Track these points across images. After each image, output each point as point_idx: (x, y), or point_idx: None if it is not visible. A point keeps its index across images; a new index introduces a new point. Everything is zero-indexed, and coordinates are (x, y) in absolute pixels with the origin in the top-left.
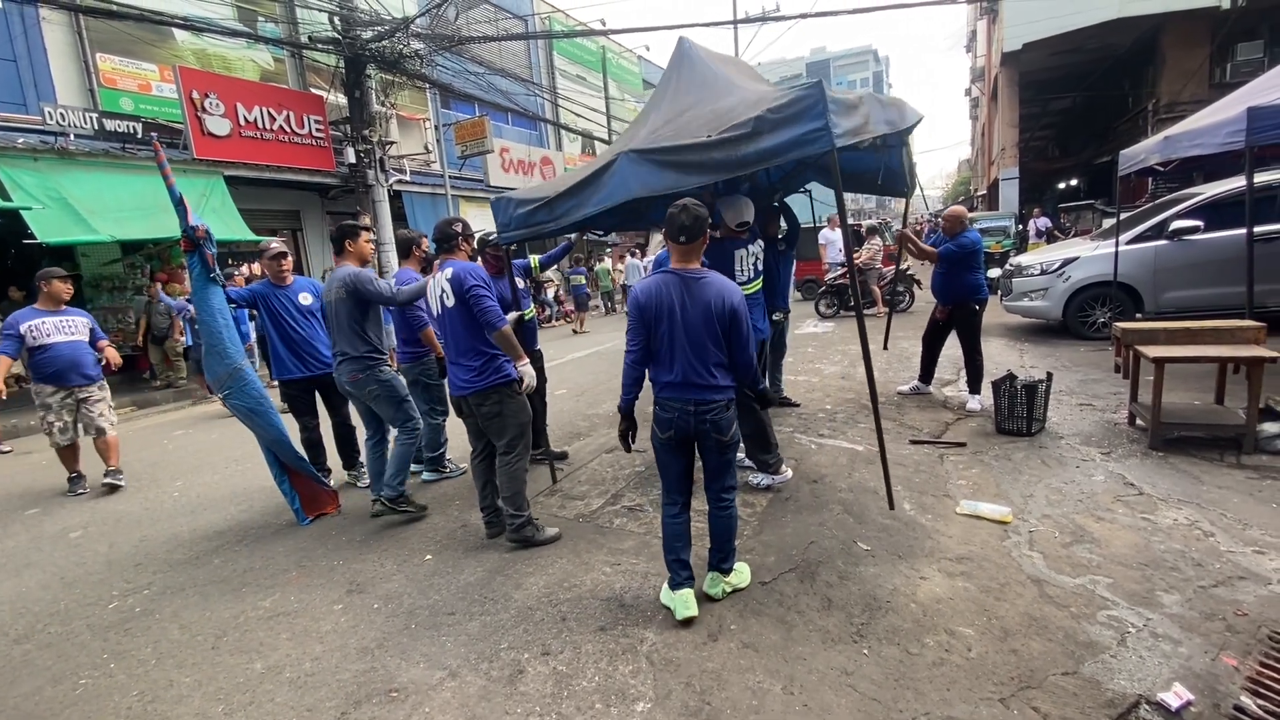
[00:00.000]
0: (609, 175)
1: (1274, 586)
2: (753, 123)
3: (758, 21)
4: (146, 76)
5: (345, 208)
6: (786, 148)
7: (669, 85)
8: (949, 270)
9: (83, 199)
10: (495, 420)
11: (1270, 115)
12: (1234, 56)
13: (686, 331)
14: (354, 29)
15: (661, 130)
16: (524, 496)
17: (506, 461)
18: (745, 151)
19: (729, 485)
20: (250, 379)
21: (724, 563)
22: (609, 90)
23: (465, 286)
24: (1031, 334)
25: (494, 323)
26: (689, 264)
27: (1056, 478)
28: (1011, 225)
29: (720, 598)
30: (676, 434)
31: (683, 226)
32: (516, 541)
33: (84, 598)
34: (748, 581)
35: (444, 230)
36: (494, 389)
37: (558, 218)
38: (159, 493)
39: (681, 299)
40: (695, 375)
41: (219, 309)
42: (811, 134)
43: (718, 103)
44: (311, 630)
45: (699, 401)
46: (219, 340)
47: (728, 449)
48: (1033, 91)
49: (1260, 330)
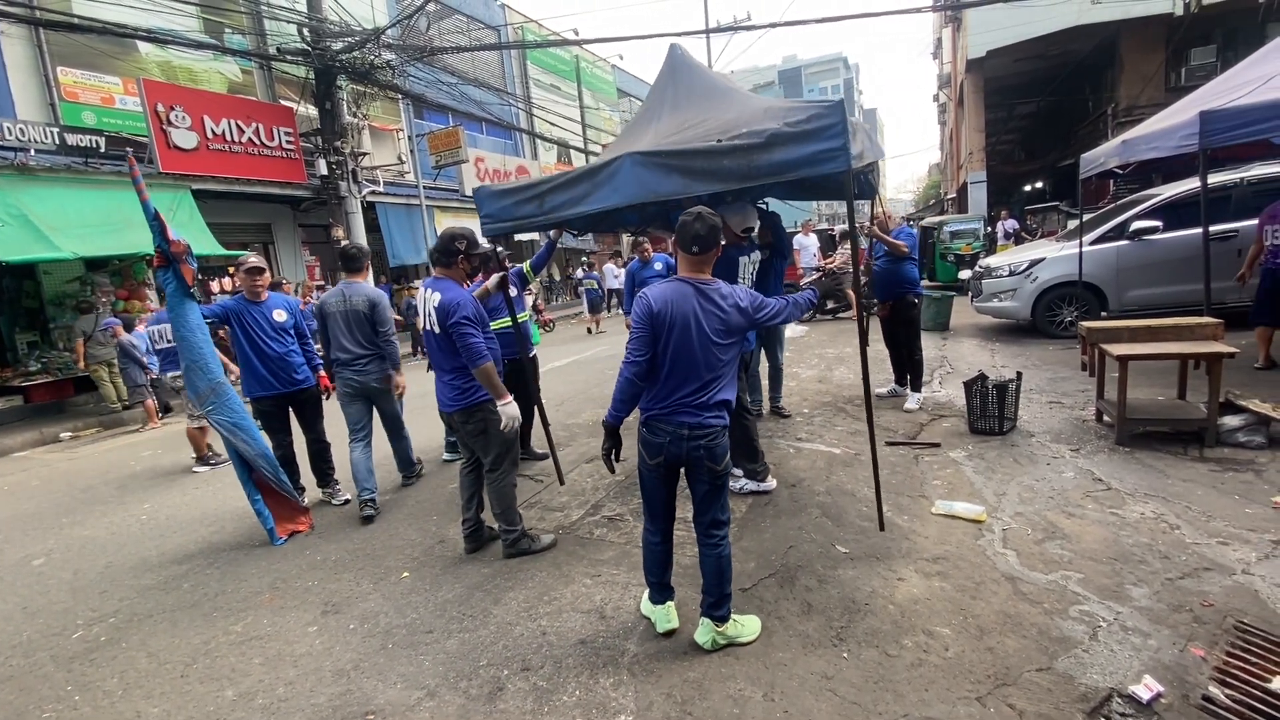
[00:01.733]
0: (609, 174)
1: (1238, 577)
2: (769, 134)
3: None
4: (109, 90)
5: (318, 220)
6: (801, 163)
7: (665, 95)
8: (886, 268)
9: (44, 216)
10: (480, 438)
11: (1222, 119)
12: (1188, 61)
13: (700, 346)
14: (323, 40)
15: (669, 141)
16: (515, 511)
17: (493, 478)
18: (758, 162)
19: (719, 519)
20: (230, 394)
21: (716, 609)
22: (584, 99)
23: (450, 321)
24: (1002, 334)
25: (476, 360)
26: (699, 275)
27: (1028, 475)
28: (981, 227)
29: (711, 649)
30: (666, 460)
31: (696, 236)
32: (513, 555)
33: (47, 627)
34: (753, 636)
35: (445, 245)
36: (477, 407)
37: (547, 212)
38: (125, 516)
39: (696, 310)
40: (696, 395)
41: (197, 325)
42: (829, 152)
43: (725, 115)
44: (285, 654)
45: (695, 426)
46: (200, 355)
47: (719, 478)
48: (998, 97)
49: (1218, 326)
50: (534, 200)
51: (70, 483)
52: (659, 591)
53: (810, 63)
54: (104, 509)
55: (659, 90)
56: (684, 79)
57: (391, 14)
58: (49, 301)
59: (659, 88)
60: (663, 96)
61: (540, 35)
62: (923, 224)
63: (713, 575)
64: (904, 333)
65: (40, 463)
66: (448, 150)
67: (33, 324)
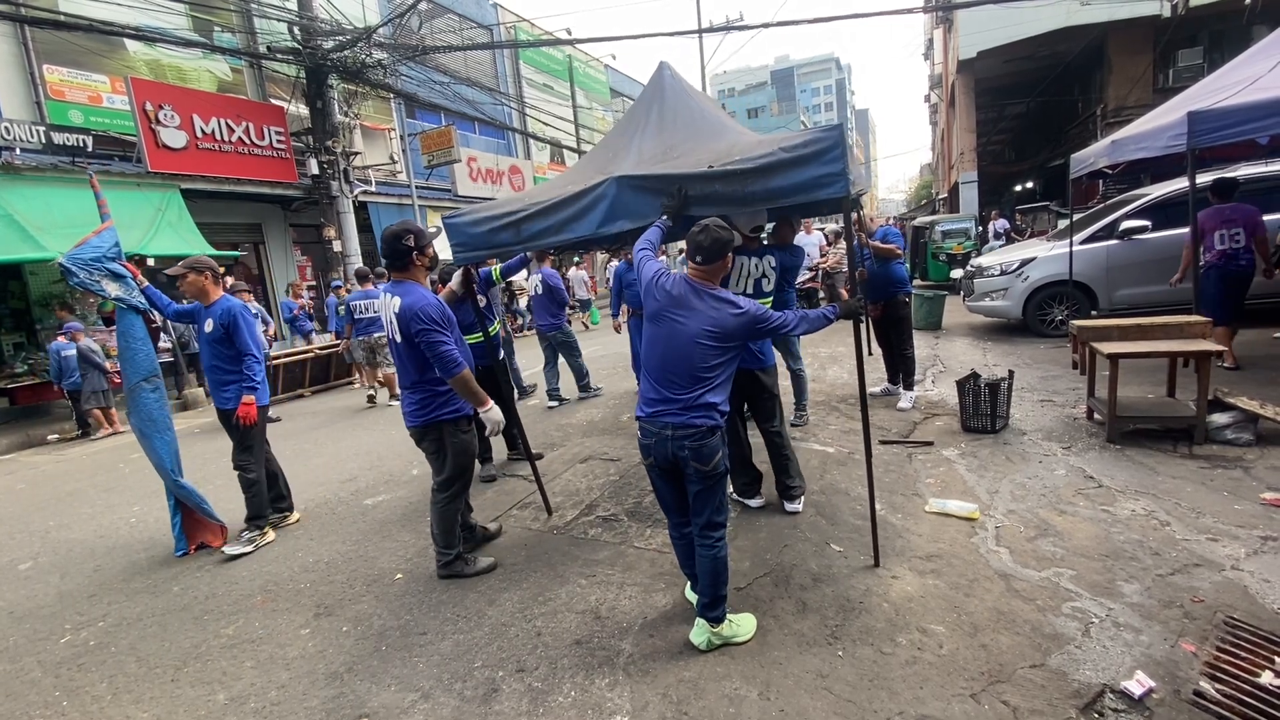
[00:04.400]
0: (593, 199)
1: (1228, 572)
2: (764, 159)
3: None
4: (97, 88)
5: (309, 219)
6: (799, 189)
7: (650, 114)
8: (875, 270)
9: (30, 215)
10: (435, 456)
11: (1209, 119)
12: (1175, 63)
13: (690, 340)
14: (314, 39)
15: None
16: (454, 534)
17: (439, 499)
18: (752, 188)
19: (714, 521)
20: (143, 401)
21: (710, 610)
22: (577, 99)
23: (412, 331)
24: (994, 333)
25: (451, 369)
26: (705, 282)
27: (1020, 473)
28: (973, 227)
29: (706, 649)
30: (656, 461)
31: (699, 246)
32: (447, 576)
33: (35, 633)
34: (748, 635)
35: (392, 246)
36: (433, 425)
37: (524, 240)
38: (114, 519)
39: (692, 303)
40: (681, 394)
41: (128, 333)
42: (827, 177)
43: (716, 144)
44: (277, 657)
45: (679, 426)
46: (125, 360)
47: (709, 479)
48: (989, 97)
49: (1206, 325)
50: (509, 228)
51: (57, 486)
52: (695, 581)
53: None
54: (91, 512)
55: (644, 109)
56: (671, 100)
57: (383, 12)
58: (35, 302)
59: (644, 106)
60: (646, 117)
61: (533, 34)
62: (915, 224)
63: (707, 576)
64: (895, 331)
65: (27, 465)
66: (440, 150)
67: (19, 325)
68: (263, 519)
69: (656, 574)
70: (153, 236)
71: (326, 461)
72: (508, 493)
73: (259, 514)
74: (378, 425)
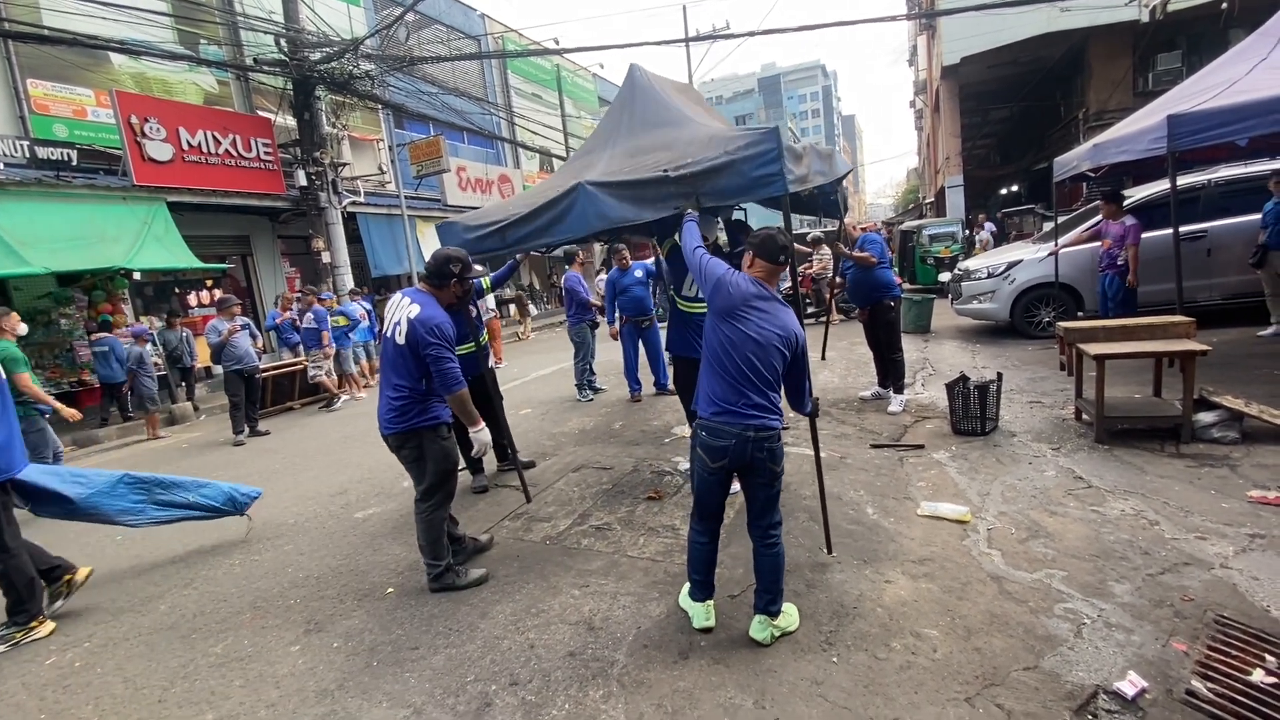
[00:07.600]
0: (566, 205)
1: (1217, 571)
2: (710, 162)
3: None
4: (81, 102)
5: (298, 231)
6: (743, 189)
7: (622, 117)
8: (859, 276)
9: (14, 230)
10: (415, 465)
11: (1188, 123)
12: (1155, 66)
13: (765, 340)
14: (301, 50)
15: (620, 169)
16: (442, 544)
17: (423, 510)
18: (703, 188)
19: (777, 520)
20: None
21: (773, 604)
22: (565, 108)
23: (423, 347)
24: (982, 335)
25: (452, 387)
26: (769, 284)
27: (1011, 475)
28: (959, 231)
29: (769, 643)
30: (730, 464)
31: (784, 248)
32: (439, 590)
33: (18, 654)
34: (797, 624)
35: (439, 267)
36: (413, 432)
37: (510, 245)
38: (99, 535)
39: (764, 304)
40: (760, 395)
41: None
42: (767, 178)
43: (673, 140)
44: (267, 675)
45: (760, 428)
46: None
47: (778, 480)
48: (973, 102)
49: (1190, 325)
50: (495, 235)
51: None
52: (701, 589)
53: (789, 70)
54: (77, 529)
55: (617, 111)
56: (640, 103)
57: (370, 24)
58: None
59: (618, 109)
60: (619, 120)
61: (520, 45)
62: (902, 228)
63: (770, 573)
64: (884, 334)
65: None
66: (429, 160)
67: None
68: (24, 612)
69: (650, 583)
70: (138, 250)
71: (317, 475)
72: (499, 504)
73: (18, 606)
74: (368, 437)
